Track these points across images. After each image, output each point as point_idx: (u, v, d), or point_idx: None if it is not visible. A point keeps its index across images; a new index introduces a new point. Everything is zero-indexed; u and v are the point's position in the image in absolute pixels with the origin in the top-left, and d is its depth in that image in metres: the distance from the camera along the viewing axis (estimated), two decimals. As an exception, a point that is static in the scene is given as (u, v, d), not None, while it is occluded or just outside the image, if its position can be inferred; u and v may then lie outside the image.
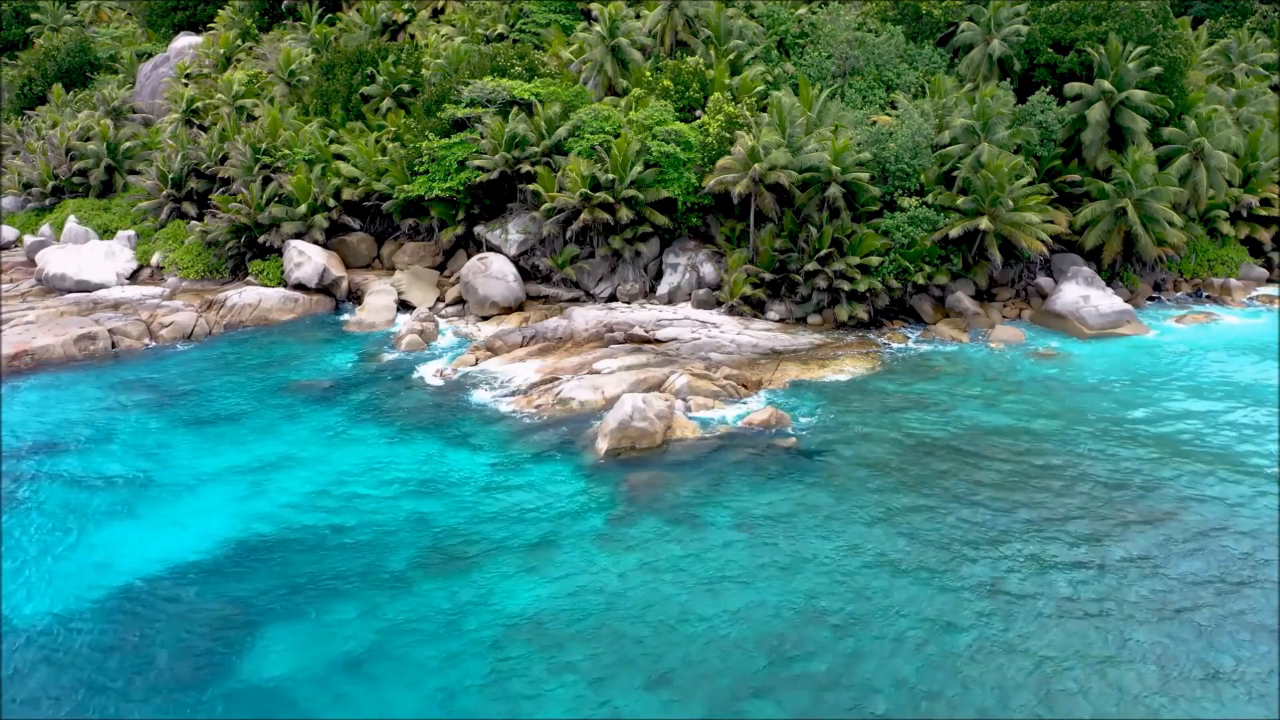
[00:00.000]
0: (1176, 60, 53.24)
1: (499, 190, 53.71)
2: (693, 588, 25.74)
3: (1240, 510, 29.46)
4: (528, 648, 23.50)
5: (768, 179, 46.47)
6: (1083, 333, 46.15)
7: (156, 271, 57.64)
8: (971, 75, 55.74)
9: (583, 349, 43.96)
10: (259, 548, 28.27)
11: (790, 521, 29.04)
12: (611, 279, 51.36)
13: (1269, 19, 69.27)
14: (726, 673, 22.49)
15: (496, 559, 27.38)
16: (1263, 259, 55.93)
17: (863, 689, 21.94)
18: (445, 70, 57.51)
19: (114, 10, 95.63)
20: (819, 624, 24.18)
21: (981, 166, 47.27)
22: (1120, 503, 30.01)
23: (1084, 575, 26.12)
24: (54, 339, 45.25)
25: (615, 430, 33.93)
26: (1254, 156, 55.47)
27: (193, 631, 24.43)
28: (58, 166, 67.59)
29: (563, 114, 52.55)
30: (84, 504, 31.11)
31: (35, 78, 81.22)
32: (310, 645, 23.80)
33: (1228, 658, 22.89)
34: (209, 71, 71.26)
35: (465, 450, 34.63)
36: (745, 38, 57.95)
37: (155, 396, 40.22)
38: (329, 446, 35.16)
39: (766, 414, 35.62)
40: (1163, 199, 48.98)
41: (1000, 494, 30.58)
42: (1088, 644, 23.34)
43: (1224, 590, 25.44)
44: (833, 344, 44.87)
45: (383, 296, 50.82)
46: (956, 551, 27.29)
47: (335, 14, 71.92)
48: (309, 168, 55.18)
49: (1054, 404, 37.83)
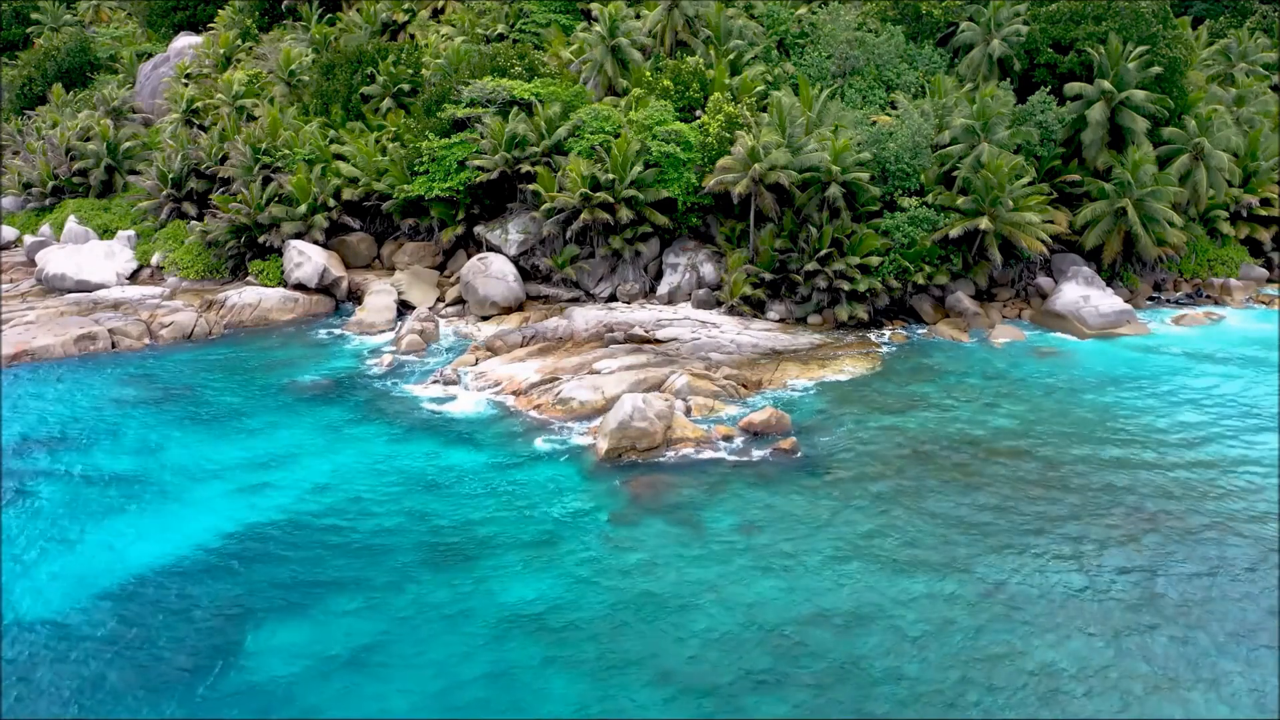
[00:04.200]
0: (1176, 60, 53.30)
1: (499, 190, 53.73)
2: (693, 586, 25.74)
3: (1241, 511, 29.46)
4: (529, 645, 23.49)
5: (768, 179, 46.48)
6: (1083, 333, 46.17)
7: (156, 271, 57.67)
8: (971, 75, 55.78)
9: (583, 349, 43.96)
10: (260, 545, 28.27)
11: (790, 521, 29.04)
12: (611, 279, 51.36)
13: (1269, 19, 69.32)
14: (728, 671, 22.47)
15: (497, 557, 27.38)
16: (1263, 259, 56.02)
17: (864, 687, 21.94)
18: (445, 70, 57.55)
19: (114, 10, 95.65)
20: (819, 622, 24.17)
21: (981, 166, 47.30)
22: (1120, 504, 30.00)
23: (1085, 575, 26.12)
24: (54, 339, 45.28)
25: (615, 430, 33.93)
26: (1254, 156, 55.52)
27: (193, 629, 24.42)
28: (58, 166, 67.62)
29: (563, 114, 52.57)
30: (84, 502, 31.11)
31: (35, 78, 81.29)
32: (311, 642, 23.79)
33: (1228, 657, 22.89)
34: (209, 71, 71.29)
35: (465, 449, 34.64)
36: (745, 38, 57.99)
37: (155, 396, 40.23)
38: (329, 445, 35.18)
39: (766, 414, 35.60)
40: (1163, 199, 49.02)
41: (1001, 495, 30.57)
42: (1089, 644, 23.33)
43: (1224, 591, 25.44)
44: (833, 344, 44.87)
45: (383, 296, 50.81)
46: (957, 551, 27.29)
47: (335, 14, 71.97)
48: (309, 168, 55.20)
49: (1054, 404, 37.85)
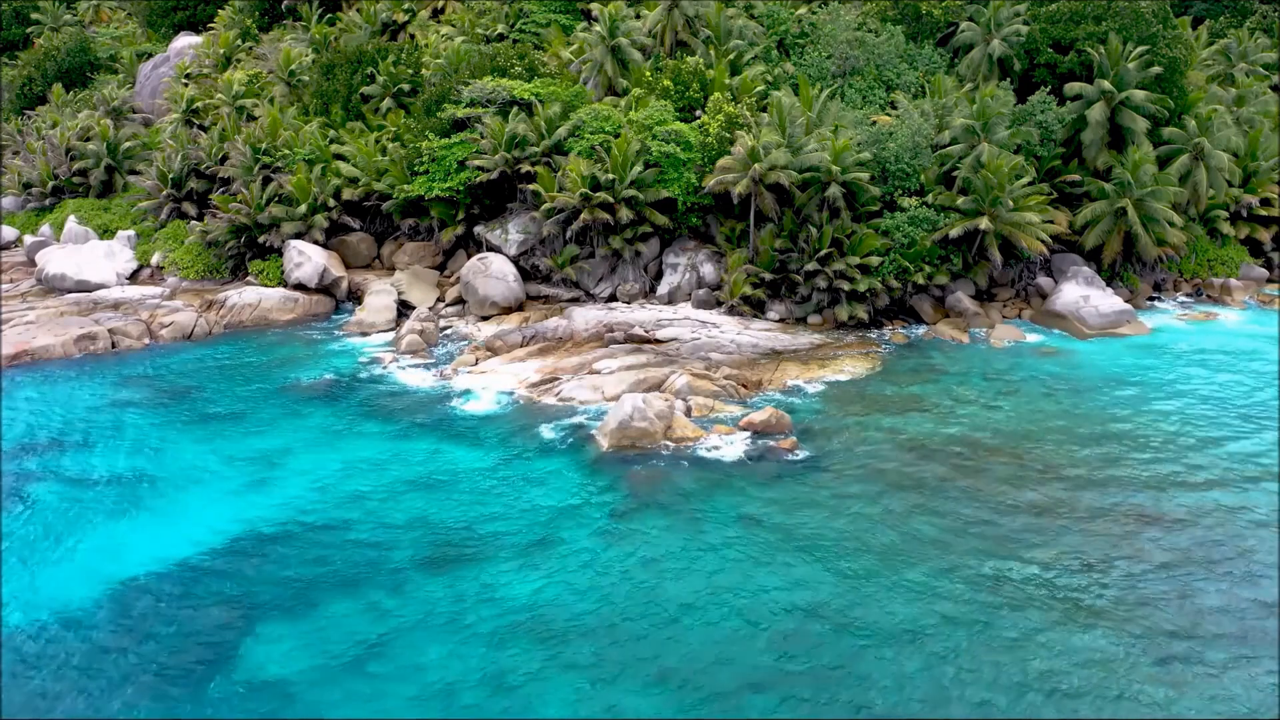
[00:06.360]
0: (1176, 60, 53.29)
1: (499, 190, 53.72)
2: (694, 585, 25.76)
3: (1242, 513, 29.46)
4: (529, 644, 23.51)
5: (768, 179, 46.48)
6: (1083, 333, 46.16)
7: (156, 271, 57.65)
8: (971, 75, 55.77)
9: (583, 349, 43.96)
10: (260, 545, 28.27)
11: (790, 521, 29.05)
12: (611, 279, 51.36)
13: (1269, 19, 69.35)
14: (728, 669, 22.49)
15: (497, 556, 27.40)
16: (1263, 259, 56.03)
17: (864, 685, 21.95)
18: (445, 70, 57.53)
19: (114, 10, 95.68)
20: (820, 621, 24.20)
21: (981, 166, 47.29)
22: (1120, 503, 30.01)
23: (1085, 574, 26.13)
24: (54, 339, 45.28)
25: (615, 430, 33.96)
26: (1254, 156, 55.52)
27: (194, 629, 24.43)
28: (58, 166, 67.62)
29: (563, 114, 52.55)
30: (84, 502, 31.11)
31: (35, 78, 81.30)
32: (312, 642, 23.79)
33: (1229, 657, 22.89)
34: (209, 71, 71.29)
35: (465, 449, 34.65)
36: (745, 38, 57.97)
37: (155, 396, 40.24)
38: (329, 444, 35.19)
39: (766, 414, 35.59)
40: (1163, 199, 49.01)
41: (1001, 495, 30.58)
42: (1089, 644, 23.33)
43: (1225, 591, 25.45)
44: (833, 344, 44.87)
45: (383, 296, 50.80)
46: (957, 550, 27.30)
47: (335, 14, 71.96)
48: (309, 168, 55.19)
49: (1054, 404, 37.86)
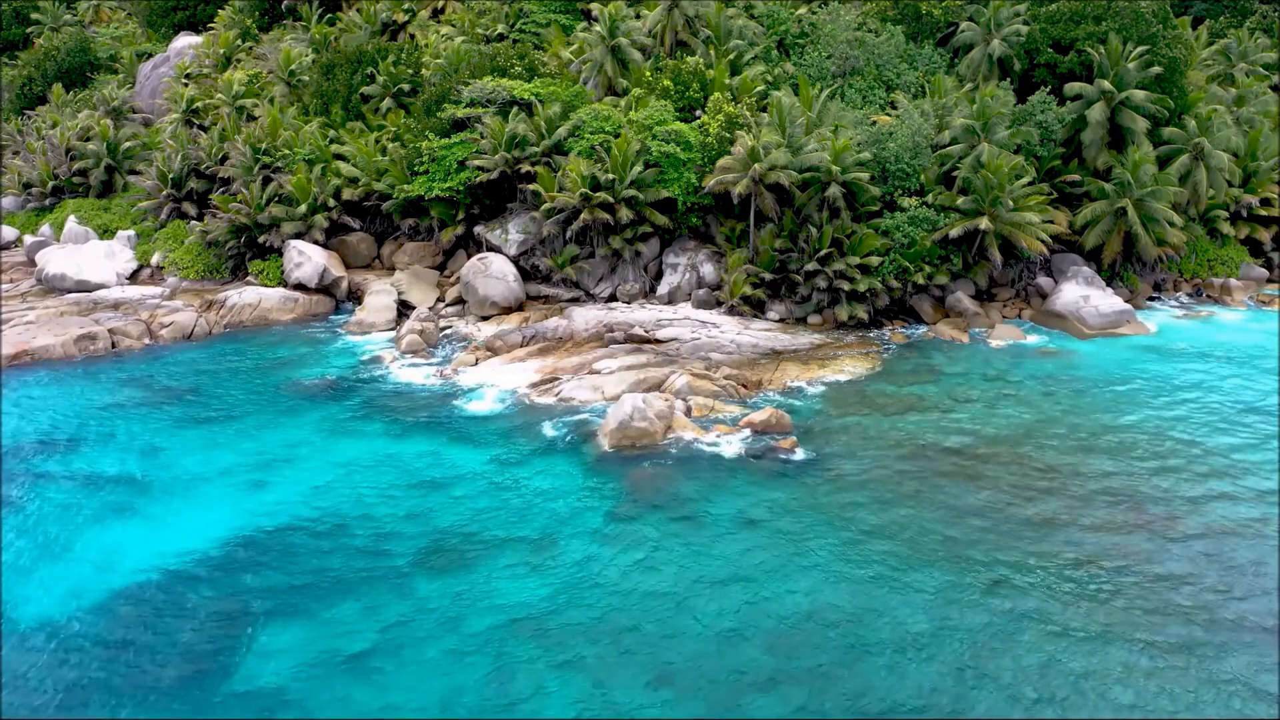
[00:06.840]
0: (1176, 60, 53.30)
1: (499, 190, 53.72)
2: (694, 585, 25.75)
3: (1243, 511, 29.47)
4: (530, 644, 23.49)
5: (768, 179, 46.48)
6: (1083, 333, 46.17)
7: (156, 271, 57.66)
8: (971, 75, 55.78)
9: (583, 349, 43.96)
10: (260, 545, 28.26)
11: (790, 521, 29.05)
12: (611, 279, 51.36)
13: (1269, 19, 69.35)
14: (728, 669, 22.49)
15: (498, 556, 27.39)
16: (1263, 259, 56.04)
17: (864, 685, 21.94)
18: (445, 70, 57.53)
19: (114, 10, 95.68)
20: (820, 621, 24.19)
21: (981, 166, 47.30)
22: (1121, 503, 29.99)
23: (1086, 574, 26.11)
24: (54, 339, 45.27)
25: (615, 430, 33.96)
26: (1254, 156, 55.52)
27: (194, 630, 24.41)
28: (58, 166, 67.63)
29: (563, 114, 52.56)
30: (84, 502, 31.10)
31: (35, 78, 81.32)
32: (312, 642, 23.78)
33: (1230, 656, 22.89)
34: (209, 71, 71.30)
35: (465, 449, 34.64)
36: (745, 38, 57.97)
37: (155, 395, 40.23)
38: (330, 445, 35.18)
39: (766, 414, 35.59)
40: (1163, 199, 49.01)
41: (1001, 494, 30.57)
42: (1090, 644, 23.32)
43: (1226, 591, 25.43)
44: (833, 344, 44.87)
45: (383, 296, 50.81)
46: (957, 551, 27.29)
47: (335, 14, 71.98)
48: (309, 168, 55.19)
49: (1054, 404, 37.84)
